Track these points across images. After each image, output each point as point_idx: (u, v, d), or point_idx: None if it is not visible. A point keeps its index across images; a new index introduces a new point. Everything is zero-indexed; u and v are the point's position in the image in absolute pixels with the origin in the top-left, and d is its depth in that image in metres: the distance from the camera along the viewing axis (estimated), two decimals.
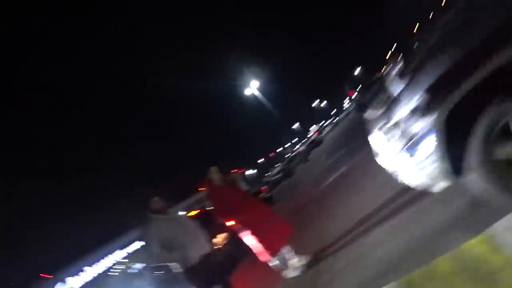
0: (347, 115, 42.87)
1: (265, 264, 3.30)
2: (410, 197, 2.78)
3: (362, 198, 3.94)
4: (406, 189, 2.90)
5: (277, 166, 34.17)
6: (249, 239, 3.17)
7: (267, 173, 39.00)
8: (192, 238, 2.75)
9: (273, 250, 3.11)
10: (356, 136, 9.99)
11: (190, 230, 2.85)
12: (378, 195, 3.42)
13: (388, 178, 3.16)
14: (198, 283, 2.69)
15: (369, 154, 2.43)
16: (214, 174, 3.32)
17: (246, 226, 3.14)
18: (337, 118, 53.04)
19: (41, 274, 16.94)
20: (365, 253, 2.58)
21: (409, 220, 2.52)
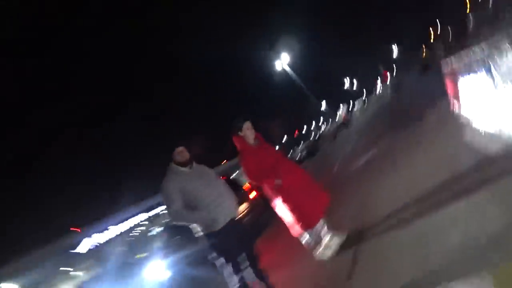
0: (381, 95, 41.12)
1: (295, 238, 2.89)
2: (489, 174, 2.20)
3: (415, 173, 3.34)
4: (487, 161, 2.37)
5: (302, 144, 34.04)
6: (281, 208, 2.77)
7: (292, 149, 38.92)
8: (218, 199, 2.41)
9: (307, 223, 2.70)
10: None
11: (217, 189, 2.51)
12: (441, 169, 2.84)
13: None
14: (221, 249, 2.38)
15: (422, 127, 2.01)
16: (248, 130, 2.90)
17: (279, 192, 2.72)
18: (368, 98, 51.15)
19: (71, 228, 18.35)
20: (422, 238, 2.05)
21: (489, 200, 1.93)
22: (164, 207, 2.96)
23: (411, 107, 8.54)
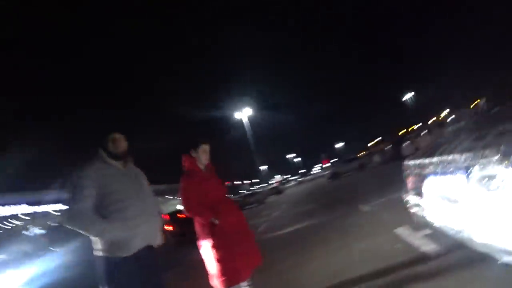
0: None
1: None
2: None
3: (348, 257, 3.24)
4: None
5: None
6: (208, 251, 2.34)
7: None
8: (143, 215, 1.83)
9: (232, 279, 2.28)
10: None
11: (146, 203, 1.92)
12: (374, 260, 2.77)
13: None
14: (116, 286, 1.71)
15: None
16: (205, 154, 2.57)
17: (212, 233, 2.33)
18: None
19: None
20: None
21: None
22: (59, 206, 2.09)
23: (347, 195, 9.13)
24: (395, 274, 2.51)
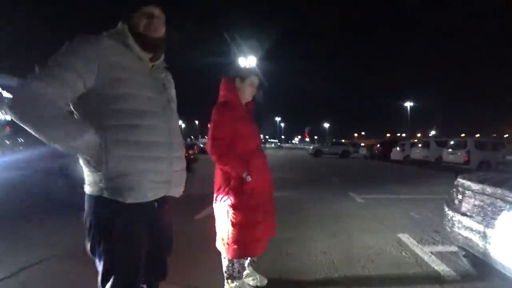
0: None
1: (214, 253, 2.11)
2: None
3: (347, 241, 3.05)
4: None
5: None
6: (225, 211, 1.96)
7: None
8: (165, 145, 1.14)
9: (247, 250, 1.97)
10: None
11: (171, 127, 1.20)
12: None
13: None
14: (112, 250, 1.05)
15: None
16: (251, 88, 2.07)
17: (239, 190, 1.93)
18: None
19: None
20: None
21: None
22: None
23: (335, 177, 9.10)
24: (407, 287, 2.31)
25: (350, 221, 4.12)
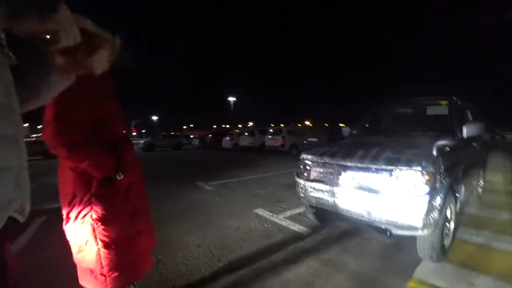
0: None
1: None
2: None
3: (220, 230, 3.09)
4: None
5: None
6: (86, 231, 1.44)
7: None
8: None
9: (128, 276, 1.54)
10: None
11: None
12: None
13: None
14: None
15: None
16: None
17: (110, 199, 1.45)
18: None
19: None
20: None
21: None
22: None
23: (175, 169, 8.94)
24: (284, 251, 2.69)
25: (208, 209, 4.19)
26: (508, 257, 2.47)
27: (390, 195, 2.23)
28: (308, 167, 2.98)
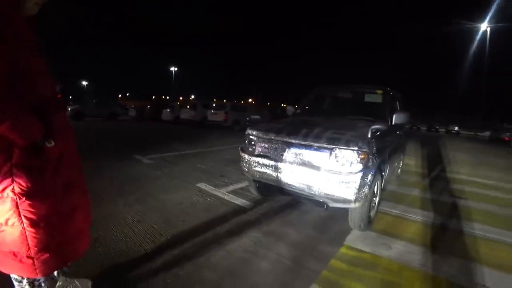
0: None
1: None
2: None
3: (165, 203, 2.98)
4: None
5: None
6: (9, 213, 1.25)
7: None
8: None
9: (61, 256, 1.39)
10: None
11: None
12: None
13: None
14: None
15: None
16: None
17: (36, 171, 1.26)
18: None
19: None
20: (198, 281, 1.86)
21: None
22: None
23: (109, 142, 8.22)
24: (227, 224, 2.75)
25: (149, 184, 3.99)
26: (416, 225, 2.95)
27: (329, 171, 2.41)
28: (253, 143, 3.03)
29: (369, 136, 2.56)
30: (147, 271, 1.91)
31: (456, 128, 43.31)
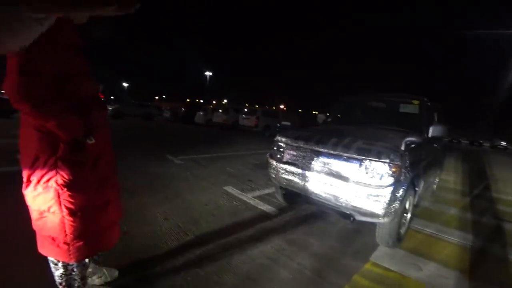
0: None
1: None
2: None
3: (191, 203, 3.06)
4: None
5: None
6: (49, 197, 1.35)
7: None
8: None
9: (92, 246, 1.48)
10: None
11: None
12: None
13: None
14: None
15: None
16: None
17: (77, 166, 1.36)
18: None
19: None
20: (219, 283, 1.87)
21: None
22: None
23: (144, 141, 8.65)
24: (251, 229, 2.77)
25: (177, 183, 4.13)
26: (451, 247, 2.74)
27: (358, 183, 2.34)
28: (282, 149, 3.02)
29: (402, 148, 2.44)
30: (169, 268, 1.98)
31: (504, 143, 39.80)
